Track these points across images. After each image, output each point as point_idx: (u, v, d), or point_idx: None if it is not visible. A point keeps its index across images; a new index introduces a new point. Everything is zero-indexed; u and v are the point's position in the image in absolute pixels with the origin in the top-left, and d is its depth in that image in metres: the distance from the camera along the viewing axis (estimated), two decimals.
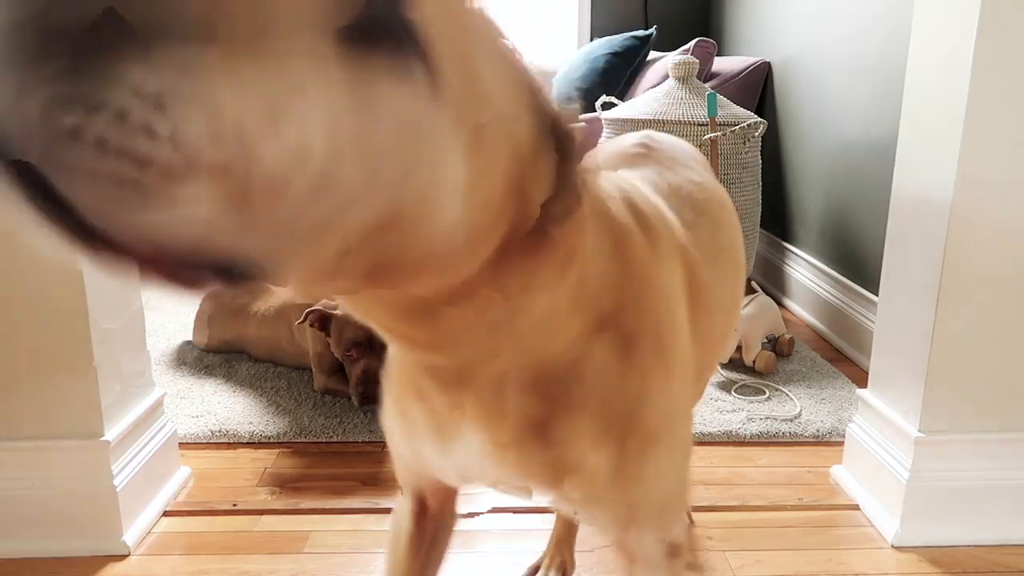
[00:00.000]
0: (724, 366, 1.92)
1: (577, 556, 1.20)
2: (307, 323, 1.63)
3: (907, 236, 1.25)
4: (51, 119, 0.25)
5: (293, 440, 1.56)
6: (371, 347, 1.59)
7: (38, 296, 1.11)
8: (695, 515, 1.32)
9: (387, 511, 1.32)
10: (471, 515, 1.30)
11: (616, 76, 2.87)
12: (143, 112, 0.26)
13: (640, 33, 2.92)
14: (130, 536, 1.21)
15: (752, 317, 1.89)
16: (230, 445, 1.55)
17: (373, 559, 1.19)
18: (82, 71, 0.25)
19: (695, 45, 2.67)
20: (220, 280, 0.32)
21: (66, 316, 1.12)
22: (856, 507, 1.34)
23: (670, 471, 0.60)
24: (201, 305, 2.01)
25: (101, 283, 1.15)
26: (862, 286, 2.06)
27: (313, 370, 1.75)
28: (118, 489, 1.18)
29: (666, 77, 2.64)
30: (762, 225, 2.77)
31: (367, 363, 1.58)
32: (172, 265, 0.30)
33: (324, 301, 1.64)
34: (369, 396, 1.58)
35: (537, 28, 3.56)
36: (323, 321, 1.63)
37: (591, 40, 3.47)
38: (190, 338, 2.08)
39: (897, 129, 1.29)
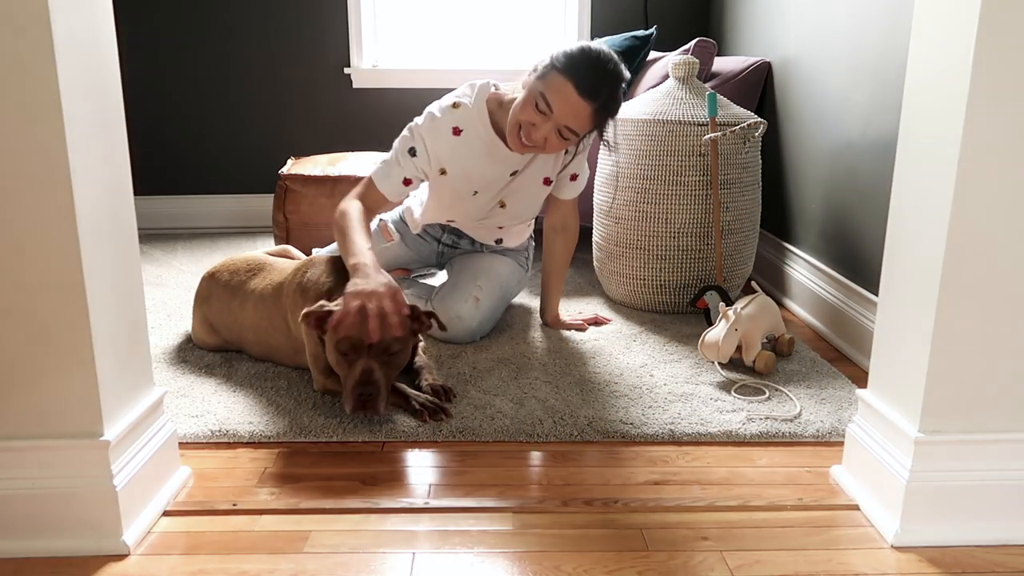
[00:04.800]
0: (724, 366, 1.92)
1: (574, 556, 1.20)
2: (306, 324, 1.62)
3: (907, 236, 1.25)
4: None
5: (293, 440, 1.56)
6: (369, 348, 1.56)
7: (38, 295, 1.11)
8: (695, 515, 1.32)
9: (387, 511, 1.32)
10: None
11: None
12: None
13: (640, 33, 2.92)
14: (130, 536, 1.21)
15: (752, 317, 1.89)
16: (230, 445, 1.55)
17: (373, 559, 1.19)
18: None
19: (695, 45, 2.67)
20: None
21: (66, 315, 1.12)
22: (856, 507, 1.34)
23: None
24: (198, 291, 2.01)
25: (102, 282, 1.16)
26: (862, 286, 2.06)
27: (312, 370, 1.75)
28: (118, 489, 1.18)
29: (666, 77, 2.64)
30: (762, 225, 2.77)
31: (365, 363, 1.55)
32: None
33: (321, 301, 1.63)
34: (368, 398, 1.54)
35: (537, 28, 3.56)
36: (320, 321, 1.61)
37: (591, 40, 3.47)
38: (190, 337, 2.08)
39: (897, 129, 1.29)
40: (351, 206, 1.87)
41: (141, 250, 3.10)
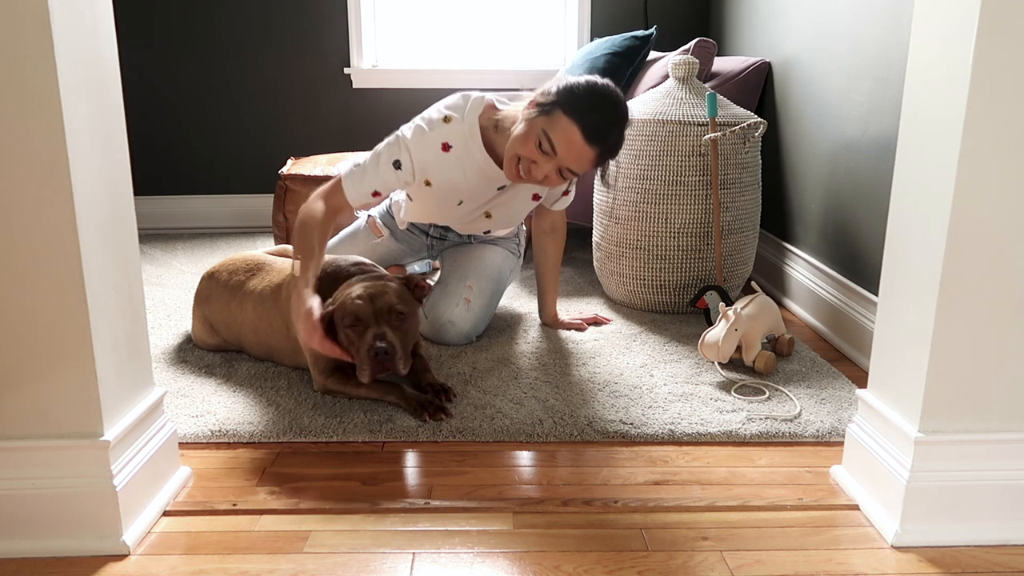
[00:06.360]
0: (724, 366, 1.92)
1: (574, 556, 1.20)
2: (323, 339, 1.63)
3: (907, 236, 1.25)
4: None
5: (293, 440, 1.56)
6: (375, 318, 1.61)
7: (38, 294, 1.11)
8: (695, 515, 1.32)
9: (387, 511, 1.32)
10: None
11: (616, 76, 2.87)
12: None
13: (640, 33, 2.92)
14: (130, 536, 1.21)
15: (752, 317, 1.89)
16: (230, 445, 1.55)
17: (373, 559, 1.19)
18: None
19: (695, 45, 2.67)
20: None
21: (66, 315, 1.12)
22: (856, 507, 1.34)
23: None
24: (198, 291, 2.01)
25: (102, 282, 1.16)
26: (862, 286, 2.06)
27: (312, 370, 1.75)
28: (118, 489, 1.18)
29: (666, 77, 2.64)
30: (762, 225, 2.77)
31: (375, 328, 1.60)
32: None
33: (318, 314, 1.64)
34: (386, 357, 1.59)
35: (537, 28, 3.56)
36: (328, 322, 1.64)
37: (591, 40, 3.47)
38: (190, 337, 2.08)
39: (897, 129, 1.29)
40: (316, 207, 1.80)
41: (141, 250, 3.10)
